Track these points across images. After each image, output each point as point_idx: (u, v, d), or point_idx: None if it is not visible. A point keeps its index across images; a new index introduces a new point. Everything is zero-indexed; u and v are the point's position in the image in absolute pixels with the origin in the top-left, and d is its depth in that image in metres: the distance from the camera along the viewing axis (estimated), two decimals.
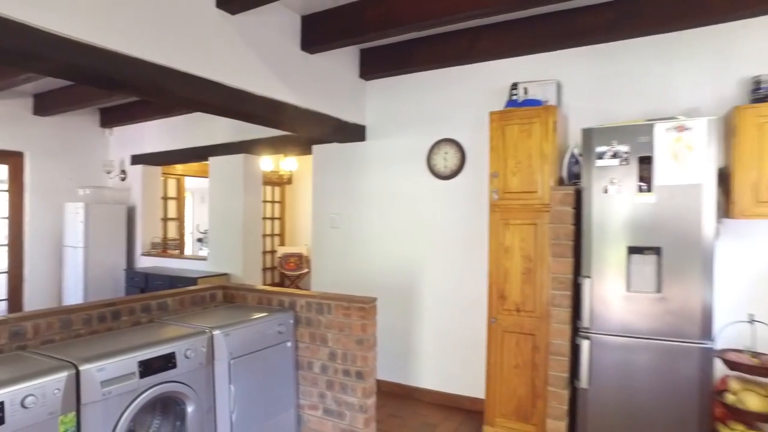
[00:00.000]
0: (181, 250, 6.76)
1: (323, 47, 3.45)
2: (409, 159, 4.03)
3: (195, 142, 5.40)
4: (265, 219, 7.74)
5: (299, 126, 3.63)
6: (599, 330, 2.66)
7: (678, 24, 2.98)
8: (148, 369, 2.05)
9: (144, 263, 5.97)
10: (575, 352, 2.74)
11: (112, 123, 6.16)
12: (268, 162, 6.30)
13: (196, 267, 5.44)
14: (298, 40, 3.39)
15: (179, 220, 7.07)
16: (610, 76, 3.27)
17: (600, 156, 2.67)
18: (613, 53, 3.25)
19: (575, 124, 3.24)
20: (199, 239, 8.01)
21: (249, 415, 2.54)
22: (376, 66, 4.05)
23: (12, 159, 5.49)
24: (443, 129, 3.88)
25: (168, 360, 2.13)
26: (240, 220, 5.07)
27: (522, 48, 3.47)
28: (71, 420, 1.83)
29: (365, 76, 4.13)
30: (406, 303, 4.02)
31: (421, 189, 3.98)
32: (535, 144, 3.03)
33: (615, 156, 2.64)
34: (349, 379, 2.76)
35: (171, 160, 5.87)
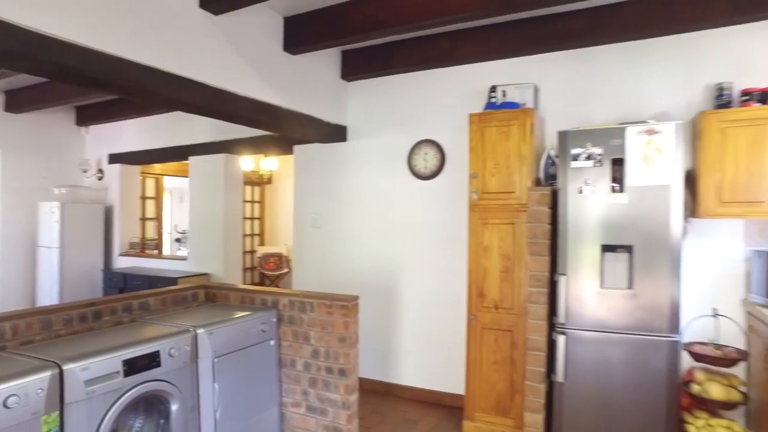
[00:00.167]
0: (160, 250, 6.68)
1: (306, 48, 3.48)
2: (390, 159, 4.09)
3: (175, 141, 5.36)
4: (245, 219, 7.69)
5: (281, 126, 3.65)
6: (574, 325, 2.76)
7: (648, 32, 3.10)
8: (132, 368, 2.06)
9: (122, 263, 5.89)
10: (552, 347, 2.84)
11: (88, 121, 6.06)
12: (248, 162, 6.28)
13: (175, 267, 5.40)
14: (280, 41, 3.41)
15: (158, 219, 6.99)
16: (584, 80, 3.38)
17: (575, 158, 2.77)
18: (588, 58, 3.37)
19: (552, 126, 3.34)
20: (178, 239, 7.93)
21: (233, 413, 2.55)
22: (357, 67, 4.09)
23: None
24: (424, 130, 3.95)
25: (152, 359, 2.14)
26: (221, 219, 5.05)
27: (500, 52, 3.55)
28: (54, 420, 1.83)
29: (347, 77, 4.16)
30: (386, 302, 4.07)
31: (402, 189, 4.04)
32: (513, 145, 3.12)
33: (589, 158, 2.74)
34: (332, 377, 2.80)
35: (150, 159, 5.80)
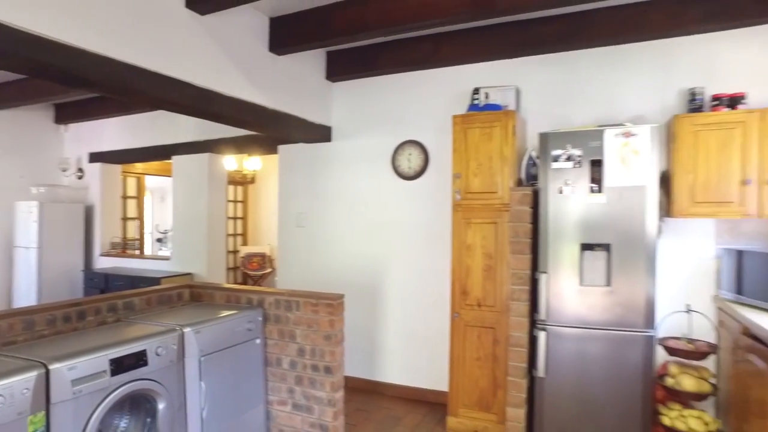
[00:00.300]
0: (142, 250, 6.61)
1: (291, 49, 3.51)
2: (375, 159, 4.13)
3: (158, 140, 5.31)
4: (228, 219, 7.65)
5: (267, 127, 3.67)
6: (555, 322, 2.84)
7: (624, 37, 3.21)
8: (119, 367, 2.06)
9: (103, 264, 5.81)
10: (533, 343, 2.91)
11: (67, 119, 5.97)
12: (231, 161, 6.25)
13: (158, 267, 5.35)
14: (266, 41, 3.43)
15: (139, 219, 6.91)
16: (565, 83, 3.47)
17: (555, 159, 2.85)
18: (569, 62, 3.46)
19: (533, 128, 3.42)
20: (159, 239, 7.84)
21: (219, 412, 2.57)
22: (342, 68, 4.12)
23: None
24: (407, 131, 4.00)
25: (139, 358, 2.14)
26: (204, 219, 5.03)
27: (483, 54, 3.63)
28: (40, 420, 1.83)
29: (331, 77, 4.19)
30: (371, 300, 4.11)
31: (386, 189, 4.08)
32: (496, 147, 3.19)
33: (569, 159, 2.82)
34: (318, 374, 2.83)
35: (132, 158, 5.74)
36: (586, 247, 2.79)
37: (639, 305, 2.69)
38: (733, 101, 2.84)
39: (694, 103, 2.97)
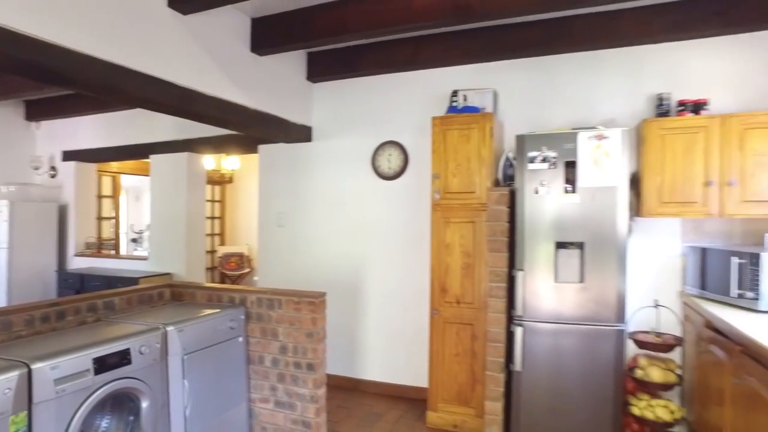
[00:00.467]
0: (117, 250, 6.51)
1: (273, 50, 3.52)
2: (355, 160, 4.17)
3: (135, 139, 5.24)
4: (206, 218, 7.59)
5: (248, 126, 3.68)
6: (531, 318, 2.94)
7: (597, 44, 3.33)
8: (102, 366, 2.06)
9: (78, 264, 5.70)
10: (510, 338, 3.00)
11: (39, 116, 5.82)
12: (209, 161, 6.21)
13: (135, 267, 5.28)
14: (248, 42, 3.44)
15: (115, 219, 6.79)
16: (541, 86, 3.59)
17: (531, 160, 2.94)
18: (544, 66, 3.57)
19: (510, 130, 3.53)
20: (134, 239, 7.71)
21: (202, 410, 2.58)
22: (323, 69, 4.16)
23: None
24: (387, 131, 4.06)
25: (123, 356, 2.15)
26: (183, 219, 4.99)
27: (462, 58, 3.71)
28: (22, 420, 1.82)
29: (312, 78, 4.22)
30: (351, 299, 4.16)
31: (366, 189, 4.14)
32: (474, 148, 3.28)
33: (544, 160, 2.92)
34: (300, 371, 2.87)
35: (108, 157, 5.64)
36: (560, 246, 2.89)
37: (610, 301, 2.81)
38: (697, 107, 3.00)
39: (661, 108, 3.11)
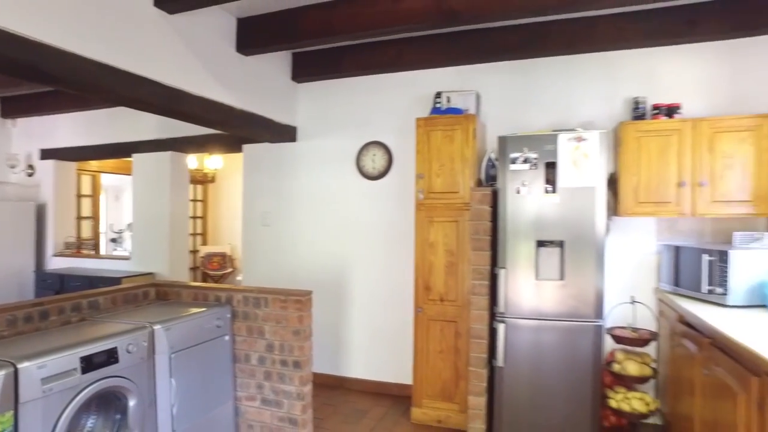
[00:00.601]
0: (97, 250, 6.41)
1: (258, 50, 3.54)
2: (339, 160, 4.21)
3: (117, 137, 5.17)
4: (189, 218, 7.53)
5: (234, 126, 3.68)
6: (513, 314, 3.01)
7: (575, 48, 3.43)
8: (90, 365, 2.05)
9: (57, 264, 5.59)
10: (493, 335, 3.07)
11: (15, 113, 5.70)
12: (192, 160, 6.17)
13: (117, 267, 5.21)
14: (233, 42, 3.45)
15: (95, 218, 6.69)
16: (522, 89, 3.67)
17: (513, 161, 3.02)
18: (526, 69, 3.66)
19: (492, 131, 3.61)
20: (113, 239, 7.60)
21: (189, 408, 2.58)
22: (307, 70, 4.18)
23: None
24: (372, 132, 4.10)
25: (110, 355, 2.15)
26: (167, 218, 4.95)
27: (446, 60, 3.77)
28: (8, 420, 1.81)
29: (297, 78, 4.24)
30: (336, 298, 4.19)
31: (351, 189, 4.17)
32: (457, 149, 3.35)
33: (526, 161, 3.00)
34: (287, 369, 2.89)
35: (88, 155, 5.56)
36: (541, 244, 2.97)
37: (589, 297, 2.90)
38: (671, 111, 3.11)
39: (637, 111, 3.22)
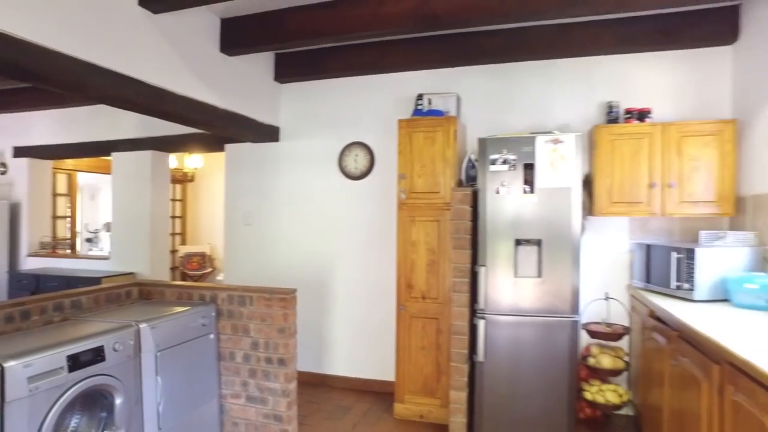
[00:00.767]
0: (74, 250, 6.30)
1: (242, 50, 3.56)
2: (322, 160, 4.25)
3: (96, 136, 5.10)
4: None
5: (217, 126, 3.69)
6: (493, 311, 3.10)
7: (552, 53, 3.55)
8: (76, 363, 2.06)
9: (32, 264, 5.48)
10: (473, 331, 3.15)
11: None
12: (171, 159, 6.12)
13: (96, 267, 5.14)
14: (217, 42, 3.46)
15: (71, 218, 6.56)
16: (501, 92, 3.78)
17: (493, 162, 3.11)
18: (505, 72, 3.76)
19: (472, 133, 3.70)
20: (89, 239, 7.47)
21: (174, 406, 2.60)
22: (290, 70, 4.21)
23: None
24: (354, 132, 4.15)
25: (97, 353, 2.15)
26: (147, 218, 4.91)
27: (427, 63, 3.85)
28: None
29: (280, 79, 4.26)
30: (319, 296, 4.23)
31: (333, 188, 4.22)
32: (438, 150, 3.43)
33: (505, 162, 3.09)
34: (272, 366, 2.92)
35: (66, 154, 5.46)
36: (519, 243, 3.07)
37: (565, 294, 3.00)
38: (642, 115, 3.26)
39: (611, 115, 3.36)
